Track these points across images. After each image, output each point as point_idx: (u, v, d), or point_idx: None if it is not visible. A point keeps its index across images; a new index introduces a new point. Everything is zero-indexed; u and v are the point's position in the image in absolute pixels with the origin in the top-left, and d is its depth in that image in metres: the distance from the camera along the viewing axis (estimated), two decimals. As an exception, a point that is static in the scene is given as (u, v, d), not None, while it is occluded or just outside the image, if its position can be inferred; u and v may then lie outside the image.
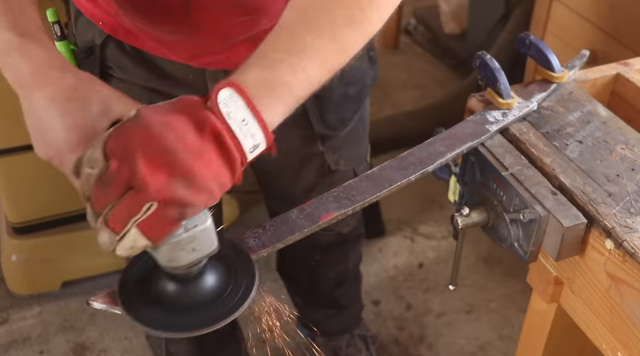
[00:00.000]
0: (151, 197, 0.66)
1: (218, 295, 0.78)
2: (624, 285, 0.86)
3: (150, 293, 0.77)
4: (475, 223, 0.99)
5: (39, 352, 2.05)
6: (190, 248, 0.72)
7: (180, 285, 0.76)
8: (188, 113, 0.70)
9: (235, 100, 0.71)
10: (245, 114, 0.71)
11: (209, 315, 0.76)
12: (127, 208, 0.67)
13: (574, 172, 0.95)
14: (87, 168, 0.68)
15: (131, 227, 0.68)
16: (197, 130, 0.69)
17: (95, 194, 0.68)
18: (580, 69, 1.15)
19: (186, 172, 0.67)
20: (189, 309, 0.76)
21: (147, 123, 0.68)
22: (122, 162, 0.67)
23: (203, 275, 0.77)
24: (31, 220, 2.04)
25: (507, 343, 2.08)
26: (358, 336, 2.00)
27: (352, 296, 1.92)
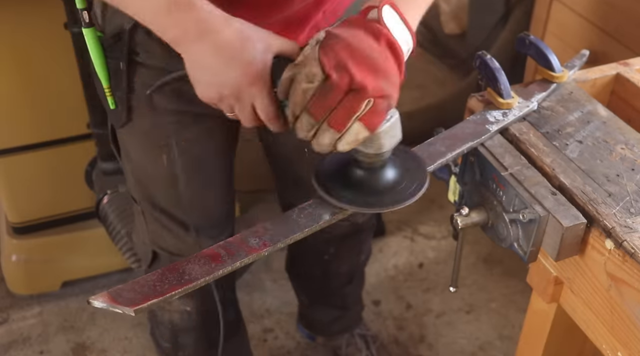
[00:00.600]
0: (370, 94, 0.82)
1: (398, 183, 0.92)
2: (624, 285, 0.85)
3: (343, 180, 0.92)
4: (475, 223, 0.99)
5: (39, 352, 2.05)
6: (391, 135, 0.88)
7: (371, 172, 0.91)
8: (365, 28, 0.85)
9: (392, 15, 0.88)
10: (400, 26, 0.88)
11: (394, 197, 0.91)
12: (350, 108, 0.82)
13: (574, 172, 0.95)
14: (304, 83, 0.82)
15: (353, 123, 0.83)
16: (375, 40, 0.84)
17: (316, 103, 0.82)
18: (580, 68, 1.15)
19: (386, 73, 0.84)
20: (377, 192, 0.91)
21: (345, 39, 0.83)
22: (340, 72, 0.81)
23: (388, 165, 0.92)
24: (31, 220, 2.04)
25: (507, 343, 2.08)
26: (358, 336, 2.01)
27: (356, 295, 1.93)
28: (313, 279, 1.87)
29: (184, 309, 1.51)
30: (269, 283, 2.26)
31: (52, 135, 1.89)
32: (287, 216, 0.91)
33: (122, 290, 0.84)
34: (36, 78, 1.79)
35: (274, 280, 2.27)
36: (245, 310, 2.17)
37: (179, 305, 1.50)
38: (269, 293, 2.24)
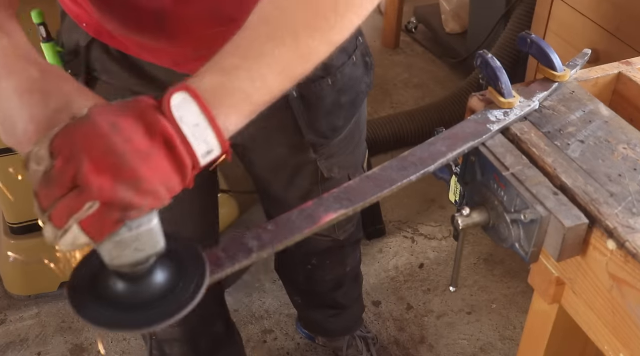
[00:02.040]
0: (93, 197, 0.66)
1: (166, 294, 0.77)
2: (626, 286, 0.85)
3: (100, 291, 0.77)
4: (476, 224, 0.99)
5: (37, 353, 2.04)
6: (134, 248, 0.72)
7: (128, 283, 0.76)
8: (139, 115, 0.69)
9: (188, 104, 0.70)
10: (198, 119, 0.70)
11: (156, 312, 0.76)
12: (69, 206, 0.67)
13: (576, 172, 0.94)
14: (33, 165, 0.69)
15: (72, 224, 0.68)
16: (146, 132, 0.68)
17: (40, 191, 0.68)
18: (582, 68, 1.14)
19: (131, 175, 0.67)
20: (138, 307, 0.76)
21: (94, 123, 0.68)
22: (67, 161, 0.67)
23: (151, 274, 0.77)
24: (29, 221, 2.04)
25: (508, 344, 2.08)
26: (359, 338, 2.00)
27: (352, 297, 1.92)
28: (299, 284, 1.87)
29: None
30: (269, 285, 2.26)
31: (50, 135, 1.89)
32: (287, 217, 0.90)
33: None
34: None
35: (273, 281, 2.27)
36: (244, 311, 2.18)
37: None
38: (269, 294, 2.24)
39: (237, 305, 2.20)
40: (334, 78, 1.24)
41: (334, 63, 1.24)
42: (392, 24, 3.36)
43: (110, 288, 0.77)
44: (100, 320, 0.75)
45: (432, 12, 3.41)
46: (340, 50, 1.23)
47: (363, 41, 1.32)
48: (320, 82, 1.23)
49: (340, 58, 1.25)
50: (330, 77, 1.24)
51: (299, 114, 1.25)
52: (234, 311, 2.17)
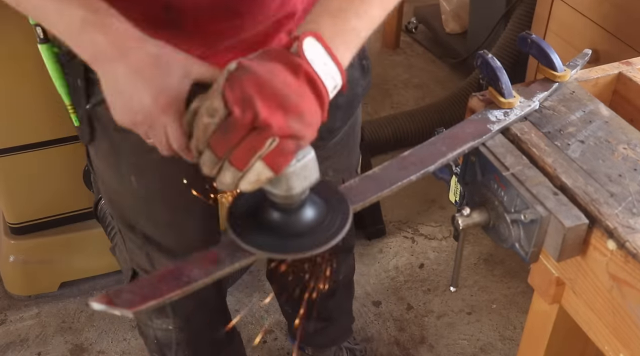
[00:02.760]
0: (274, 133, 0.75)
1: (317, 225, 0.86)
2: (626, 286, 0.85)
3: (257, 222, 0.86)
4: (476, 224, 0.99)
5: (37, 353, 2.04)
6: (303, 177, 0.82)
7: (286, 214, 0.85)
8: (283, 61, 0.78)
9: (316, 47, 0.80)
10: (325, 59, 0.81)
11: (311, 241, 0.85)
12: (252, 146, 0.75)
13: (576, 172, 0.94)
14: (205, 118, 0.76)
15: (256, 162, 0.77)
16: (293, 74, 0.77)
17: (216, 140, 0.76)
18: (582, 68, 1.14)
19: (297, 111, 0.77)
20: (294, 235, 0.85)
21: (256, 72, 0.76)
22: (243, 108, 0.74)
23: (306, 205, 0.85)
24: (29, 221, 2.04)
25: (508, 345, 2.08)
26: (346, 350, 1.99)
27: (343, 308, 1.91)
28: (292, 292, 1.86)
29: (165, 327, 1.49)
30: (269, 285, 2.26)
31: (50, 136, 1.89)
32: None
33: (121, 291, 0.83)
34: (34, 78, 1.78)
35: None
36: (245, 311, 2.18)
37: (160, 323, 1.49)
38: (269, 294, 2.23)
39: (237, 305, 2.20)
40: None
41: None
42: (392, 24, 3.36)
43: (269, 218, 0.85)
44: (264, 245, 0.84)
45: (432, 12, 3.41)
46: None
47: None
48: None
49: None
50: None
51: None
52: (234, 311, 2.17)
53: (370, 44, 3.43)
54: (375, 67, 3.36)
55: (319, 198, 0.88)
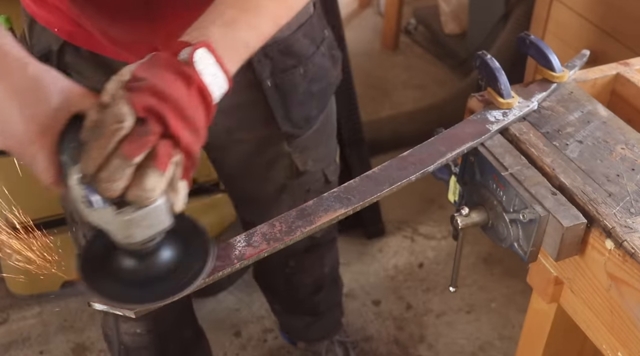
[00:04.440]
0: (182, 147, 0.75)
1: (172, 270, 0.81)
2: (624, 285, 0.85)
3: (109, 267, 0.81)
4: (475, 224, 0.99)
5: (39, 352, 2.05)
6: (145, 225, 0.76)
7: (136, 260, 0.80)
8: (175, 71, 0.76)
9: (207, 58, 0.79)
10: (215, 69, 0.79)
11: (162, 288, 0.80)
12: (168, 153, 0.74)
13: (574, 172, 0.95)
14: (115, 124, 0.72)
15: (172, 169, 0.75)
16: (186, 85, 0.76)
17: (130, 144, 0.72)
18: (580, 68, 1.15)
19: (194, 125, 0.76)
20: (145, 283, 0.80)
21: (154, 83, 0.74)
22: (154, 116, 0.73)
23: (158, 251, 0.80)
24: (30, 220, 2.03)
25: (507, 343, 2.08)
26: (338, 342, 1.99)
27: (331, 302, 1.91)
28: (279, 289, 1.86)
29: (134, 331, 1.49)
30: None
31: (52, 135, 1.89)
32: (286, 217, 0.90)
33: (122, 291, 0.84)
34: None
35: (273, 280, 2.27)
36: (245, 310, 2.18)
37: (129, 327, 1.49)
38: (269, 294, 2.23)
39: (237, 304, 2.20)
40: (306, 67, 1.27)
41: (304, 52, 1.27)
42: (391, 25, 3.37)
43: (119, 265, 0.80)
44: (112, 294, 0.79)
45: (431, 13, 3.41)
46: (309, 40, 1.25)
47: (329, 35, 1.35)
48: (292, 70, 1.26)
49: (309, 48, 1.27)
50: (302, 66, 1.26)
51: (274, 104, 1.27)
52: (234, 311, 2.18)
53: (370, 45, 3.44)
54: (374, 67, 3.37)
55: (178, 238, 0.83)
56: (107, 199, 0.74)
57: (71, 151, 0.76)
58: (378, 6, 3.66)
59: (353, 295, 2.23)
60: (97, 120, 0.74)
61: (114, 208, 0.74)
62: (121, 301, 0.80)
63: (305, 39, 1.26)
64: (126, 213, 0.74)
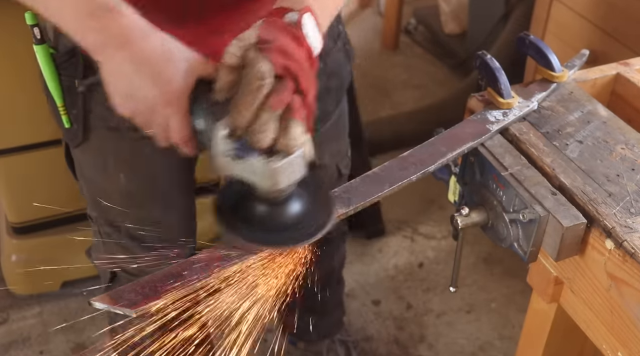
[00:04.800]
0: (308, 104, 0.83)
1: (301, 220, 0.87)
2: (624, 285, 0.85)
3: (244, 215, 0.87)
4: (475, 224, 0.99)
5: (39, 352, 2.05)
6: (290, 172, 0.83)
7: (273, 207, 0.86)
8: (289, 34, 0.82)
9: (310, 22, 0.85)
10: (315, 32, 0.86)
11: (294, 235, 0.86)
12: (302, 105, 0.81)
13: (574, 172, 0.95)
14: (258, 81, 0.78)
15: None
16: (299, 46, 0.82)
17: (275, 98, 0.79)
18: (580, 68, 1.15)
19: (312, 82, 0.84)
20: (279, 229, 0.87)
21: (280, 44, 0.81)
22: (290, 74, 0.80)
23: (291, 200, 0.87)
24: (31, 220, 2.04)
25: (507, 343, 2.08)
26: (339, 342, 1.99)
27: (334, 301, 1.91)
28: None
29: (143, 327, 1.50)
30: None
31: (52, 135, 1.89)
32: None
33: (123, 291, 0.84)
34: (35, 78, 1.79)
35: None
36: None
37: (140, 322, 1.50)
38: (269, 293, 2.24)
39: (237, 304, 2.20)
40: (325, 62, 1.27)
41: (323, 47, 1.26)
42: (391, 25, 3.37)
43: (256, 212, 0.86)
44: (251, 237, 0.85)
45: (431, 13, 3.41)
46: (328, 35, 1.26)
47: (343, 29, 1.36)
48: None
49: (328, 43, 1.28)
50: (322, 61, 1.26)
51: None
52: (234, 311, 2.18)
53: (370, 45, 3.44)
54: (374, 67, 3.37)
55: (306, 193, 0.89)
56: (257, 150, 0.80)
57: (203, 112, 0.84)
58: (378, 6, 3.66)
59: (353, 295, 2.23)
60: (232, 80, 0.81)
61: (264, 157, 0.80)
62: (258, 242, 0.86)
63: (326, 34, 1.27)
64: (276, 162, 0.80)
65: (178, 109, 0.84)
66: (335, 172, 1.47)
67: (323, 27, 0.91)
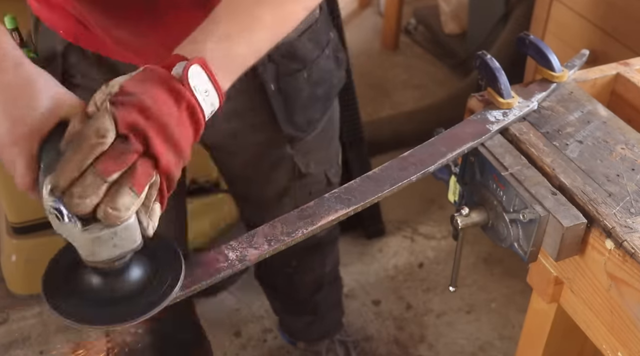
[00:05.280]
0: (161, 168, 0.72)
1: (141, 290, 0.79)
2: (624, 285, 0.85)
3: (75, 284, 0.78)
4: (475, 224, 0.99)
5: (39, 352, 2.05)
6: (111, 244, 0.73)
7: (103, 278, 0.77)
8: (166, 87, 0.74)
9: (200, 75, 0.77)
10: (208, 86, 0.78)
11: (129, 309, 0.77)
12: (147, 173, 0.71)
13: (574, 172, 0.95)
14: (94, 138, 0.70)
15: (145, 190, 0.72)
16: (176, 103, 0.74)
17: (106, 162, 0.70)
18: (580, 68, 1.15)
19: (178, 147, 0.74)
20: (111, 302, 0.77)
21: (141, 99, 0.72)
22: (136, 135, 0.70)
23: (126, 270, 0.78)
24: (31, 220, 2.04)
25: (507, 343, 2.08)
26: (338, 342, 1.99)
27: (331, 301, 1.91)
28: (280, 289, 1.86)
29: (135, 331, 1.50)
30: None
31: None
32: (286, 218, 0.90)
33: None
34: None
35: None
36: (245, 310, 2.18)
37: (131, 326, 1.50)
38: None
39: (237, 304, 2.20)
40: (310, 71, 1.27)
41: (308, 56, 1.26)
42: (391, 25, 3.37)
43: (84, 282, 0.78)
44: (76, 314, 0.76)
45: (431, 13, 3.41)
46: (314, 44, 1.25)
47: (334, 37, 1.35)
48: (296, 75, 1.25)
49: (314, 51, 1.27)
50: (306, 70, 1.26)
51: (277, 108, 1.26)
52: (234, 311, 2.18)
53: (370, 45, 3.44)
54: (374, 67, 3.37)
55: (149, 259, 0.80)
56: (76, 214, 0.71)
57: (49, 160, 0.74)
58: (378, 6, 3.66)
59: (353, 295, 2.23)
60: (78, 132, 0.72)
61: (81, 225, 0.71)
62: (82, 320, 0.76)
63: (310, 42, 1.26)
64: (92, 231, 0.72)
65: (23, 151, 0.75)
66: (323, 180, 1.46)
67: (225, 80, 0.81)
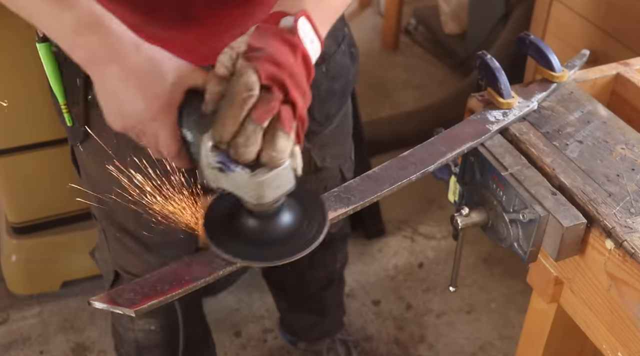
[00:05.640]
0: (298, 113, 0.80)
1: (292, 233, 0.86)
2: (624, 285, 0.86)
3: (233, 229, 0.86)
4: (475, 224, 0.99)
5: (39, 352, 2.05)
6: (275, 186, 0.80)
7: (261, 221, 0.85)
8: (282, 40, 0.81)
9: (306, 26, 0.83)
10: (312, 37, 0.84)
11: (283, 249, 0.85)
12: (290, 116, 0.79)
13: (574, 172, 0.95)
14: (245, 92, 0.77)
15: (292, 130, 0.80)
16: (292, 53, 0.81)
17: (260, 110, 0.77)
18: (580, 68, 1.15)
19: (304, 90, 0.81)
20: (267, 243, 0.85)
21: (270, 52, 0.79)
22: (277, 84, 0.78)
23: (281, 213, 0.85)
24: (31, 220, 2.04)
25: (507, 343, 2.08)
26: (339, 341, 1.99)
27: (336, 299, 1.92)
28: (289, 286, 1.87)
29: (148, 328, 1.50)
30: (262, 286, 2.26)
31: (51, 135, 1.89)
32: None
33: (123, 290, 0.84)
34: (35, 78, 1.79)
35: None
36: (245, 310, 2.18)
37: (144, 324, 1.50)
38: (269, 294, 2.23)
39: (238, 304, 2.20)
40: (328, 65, 1.27)
41: (326, 50, 1.27)
42: (391, 25, 3.37)
43: (244, 225, 0.85)
44: (238, 252, 0.84)
45: (431, 13, 3.41)
46: (331, 38, 1.25)
47: (348, 32, 1.36)
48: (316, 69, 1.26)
49: (331, 46, 1.27)
50: (325, 64, 1.26)
51: None
52: (234, 311, 2.18)
53: (370, 45, 3.44)
54: (374, 67, 3.37)
55: (297, 204, 0.87)
56: (242, 163, 0.78)
57: (192, 123, 0.82)
58: (378, 6, 3.66)
59: (353, 295, 2.23)
60: (222, 91, 0.79)
61: (249, 171, 0.78)
62: (247, 258, 0.84)
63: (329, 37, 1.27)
64: (260, 175, 0.79)
65: (165, 123, 0.82)
66: (338, 175, 1.47)
67: (323, 30, 0.88)
